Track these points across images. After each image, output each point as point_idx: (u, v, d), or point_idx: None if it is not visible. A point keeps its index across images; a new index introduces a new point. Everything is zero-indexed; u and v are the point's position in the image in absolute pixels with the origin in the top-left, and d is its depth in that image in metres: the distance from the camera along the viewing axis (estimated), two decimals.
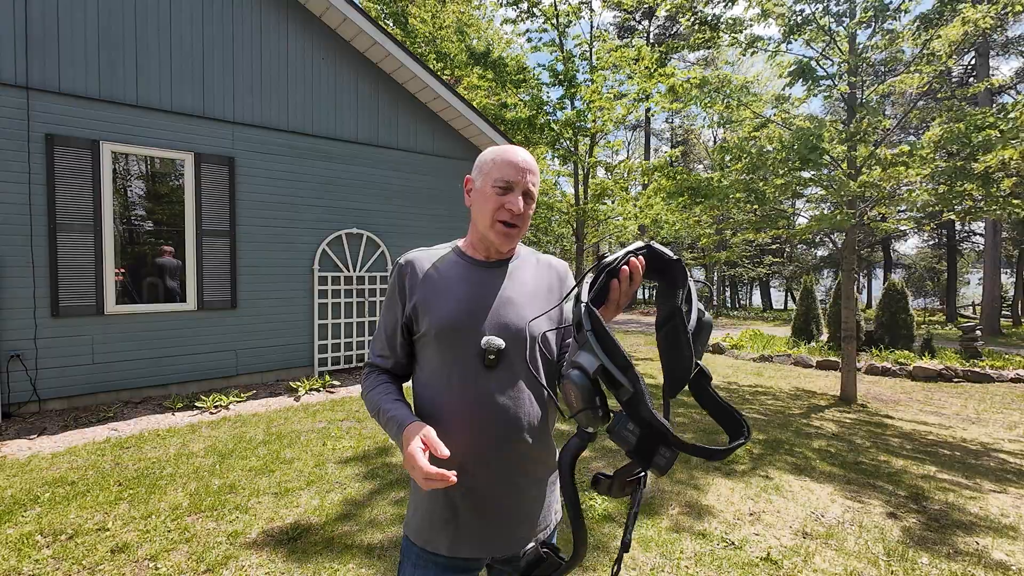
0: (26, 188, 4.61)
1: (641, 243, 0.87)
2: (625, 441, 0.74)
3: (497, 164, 1.07)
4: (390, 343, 1.14)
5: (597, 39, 11.14)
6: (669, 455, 0.72)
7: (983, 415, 5.77)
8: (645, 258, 0.86)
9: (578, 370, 0.75)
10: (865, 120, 5.42)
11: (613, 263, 0.85)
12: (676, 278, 0.84)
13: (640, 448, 0.73)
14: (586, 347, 0.75)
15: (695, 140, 31.85)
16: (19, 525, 2.70)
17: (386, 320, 1.14)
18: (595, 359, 0.74)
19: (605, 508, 3.03)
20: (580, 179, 11.12)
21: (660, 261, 0.86)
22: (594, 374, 0.74)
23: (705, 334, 0.83)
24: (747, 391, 6.73)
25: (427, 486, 0.90)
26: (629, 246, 0.87)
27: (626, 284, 0.87)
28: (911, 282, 29.78)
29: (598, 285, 0.85)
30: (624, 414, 0.74)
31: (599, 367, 0.73)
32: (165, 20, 5.27)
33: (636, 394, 0.72)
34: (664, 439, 0.72)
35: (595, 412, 0.75)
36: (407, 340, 1.13)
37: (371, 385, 1.14)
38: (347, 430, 4.41)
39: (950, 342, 11.29)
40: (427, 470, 0.89)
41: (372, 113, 6.77)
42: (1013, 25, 18.43)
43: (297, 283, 6.22)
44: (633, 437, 0.73)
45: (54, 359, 4.76)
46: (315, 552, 2.52)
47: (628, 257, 0.85)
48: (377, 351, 1.16)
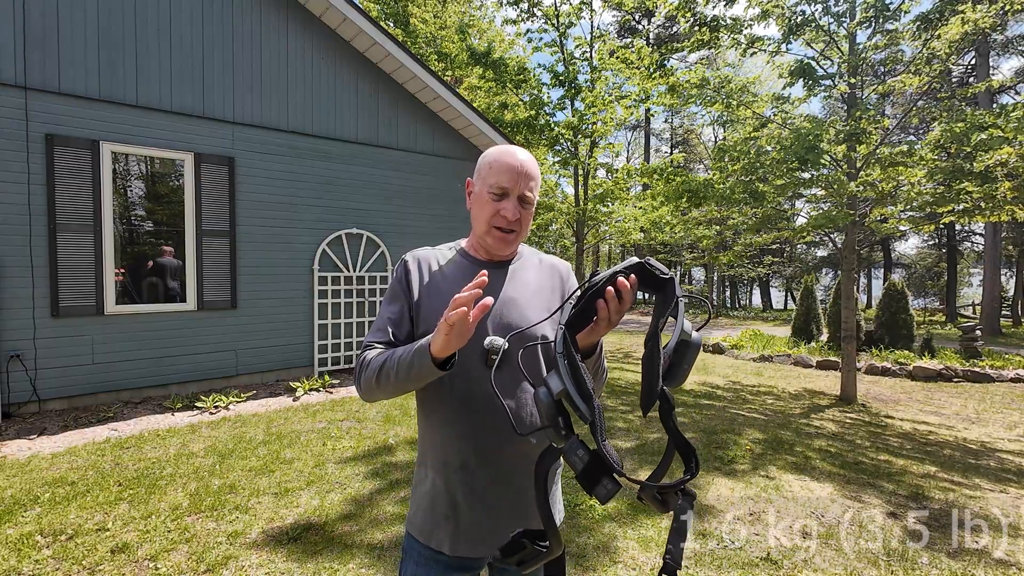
0: (26, 188, 4.61)
1: (635, 260, 0.87)
2: (574, 465, 0.77)
3: (493, 169, 1.06)
4: (394, 324, 1.08)
5: (597, 39, 11.14)
6: (611, 487, 0.75)
7: (983, 415, 5.77)
8: (639, 274, 0.86)
9: (545, 388, 0.79)
10: (864, 120, 5.42)
11: (596, 284, 0.86)
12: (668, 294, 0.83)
13: (586, 474, 0.76)
14: (557, 369, 0.79)
15: (695, 140, 31.84)
16: (19, 525, 2.70)
17: (389, 310, 1.10)
18: (561, 383, 0.77)
19: (605, 509, 3.03)
20: (580, 180, 11.12)
21: (655, 277, 0.85)
22: (558, 396, 0.78)
23: (691, 353, 0.82)
24: (747, 391, 6.73)
25: (468, 316, 0.84)
26: (620, 264, 0.87)
27: (614, 303, 0.86)
28: (911, 282, 29.77)
29: (581, 305, 0.86)
30: (577, 439, 0.78)
31: (562, 391, 0.77)
32: (165, 20, 5.27)
33: (591, 424, 0.75)
34: (608, 471, 0.75)
35: (557, 431, 0.78)
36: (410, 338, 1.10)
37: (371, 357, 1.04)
38: (347, 430, 4.41)
39: (950, 342, 11.29)
40: (460, 302, 0.83)
41: (372, 113, 6.77)
42: (1013, 25, 18.43)
43: (297, 283, 6.22)
44: (580, 463, 0.76)
45: (54, 359, 4.75)
46: (315, 552, 2.52)
47: (616, 277, 0.85)
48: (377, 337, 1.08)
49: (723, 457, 4.01)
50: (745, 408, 5.75)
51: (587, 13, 10.29)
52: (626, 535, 2.76)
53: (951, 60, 5.51)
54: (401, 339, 1.07)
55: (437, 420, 1.07)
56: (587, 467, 0.76)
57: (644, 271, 0.86)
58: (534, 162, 1.09)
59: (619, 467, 0.74)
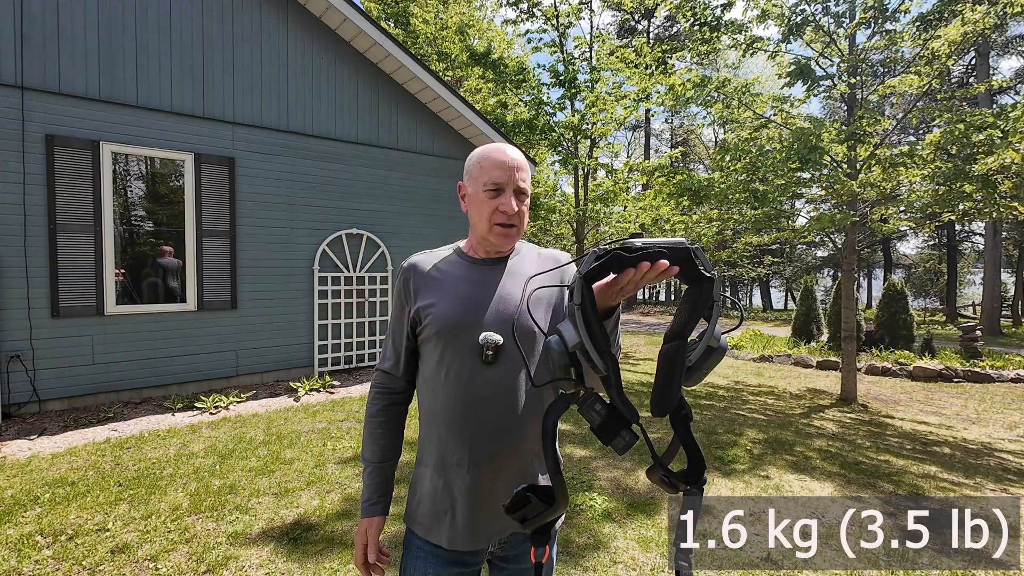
0: (27, 188, 4.61)
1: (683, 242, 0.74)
2: (591, 419, 0.78)
3: (484, 168, 1.08)
4: (396, 347, 1.17)
5: (597, 39, 11.14)
6: (629, 438, 0.77)
7: (983, 415, 5.77)
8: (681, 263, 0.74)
9: (558, 338, 0.78)
10: (864, 120, 5.42)
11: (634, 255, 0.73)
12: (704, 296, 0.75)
13: (603, 427, 0.77)
14: (572, 319, 0.76)
15: (695, 140, 31.84)
16: (19, 525, 2.70)
17: (393, 326, 1.17)
18: (576, 335, 0.75)
19: (605, 508, 3.03)
20: (580, 180, 11.12)
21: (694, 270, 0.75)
22: (572, 348, 0.76)
23: (716, 359, 0.79)
24: (748, 391, 6.73)
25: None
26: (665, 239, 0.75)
27: (640, 275, 0.76)
28: (911, 282, 29.77)
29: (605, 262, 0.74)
30: (593, 393, 0.78)
31: (578, 343, 0.76)
32: (165, 20, 5.28)
33: (608, 377, 0.75)
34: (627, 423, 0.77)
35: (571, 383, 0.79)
36: (412, 342, 1.15)
37: (371, 412, 1.20)
38: (347, 430, 4.41)
39: (950, 342, 11.29)
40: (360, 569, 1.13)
41: (372, 113, 6.78)
42: (1013, 25, 18.43)
43: (297, 283, 6.22)
44: (599, 417, 0.77)
45: (54, 359, 4.75)
46: (316, 552, 2.52)
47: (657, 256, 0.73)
48: (385, 357, 1.20)
49: (723, 457, 4.01)
50: (745, 408, 5.75)
51: (587, 13, 10.29)
52: (626, 535, 2.76)
53: (951, 61, 5.51)
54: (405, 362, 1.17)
55: (434, 417, 1.08)
56: (604, 420, 0.77)
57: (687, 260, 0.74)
58: (521, 154, 1.11)
59: (636, 419, 0.76)
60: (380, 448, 1.17)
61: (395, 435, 1.19)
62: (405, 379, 1.18)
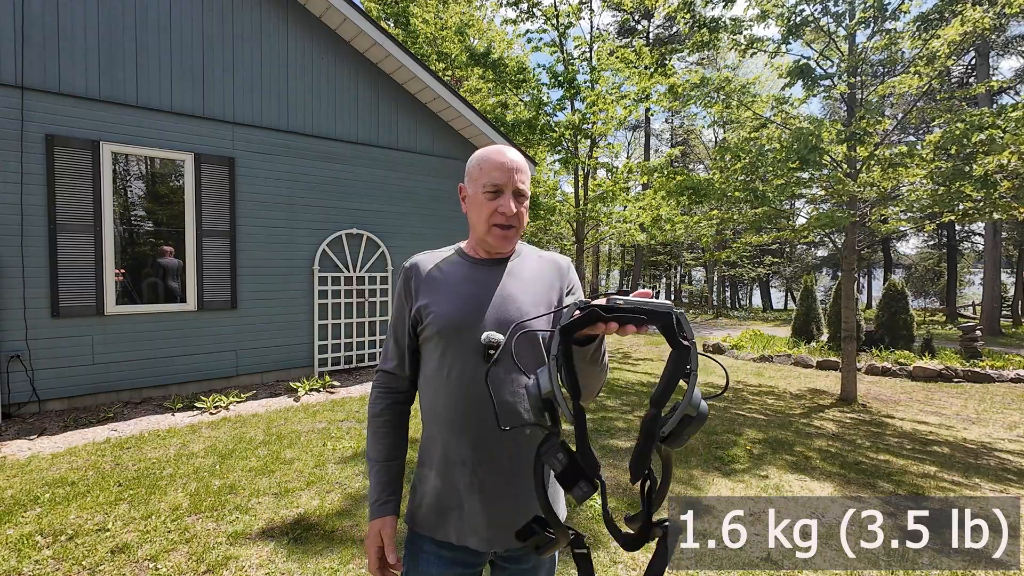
0: (27, 188, 4.61)
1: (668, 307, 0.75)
2: (552, 466, 0.80)
3: (484, 169, 1.09)
4: (398, 347, 1.17)
5: (597, 39, 11.15)
6: (587, 489, 0.78)
7: (983, 415, 5.77)
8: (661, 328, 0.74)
9: (535, 382, 0.81)
10: (864, 120, 5.42)
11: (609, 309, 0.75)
12: (680, 362, 0.74)
13: (563, 475, 0.79)
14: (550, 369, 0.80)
15: (695, 140, 31.84)
16: (19, 525, 2.70)
17: (395, 326, 1.17)
18: (549, 384, 0.79)
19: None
20: (580, 180, 11.12)
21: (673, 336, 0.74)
22: (545, 396, 0.79)
23: (696, 426, 0.77)
24: (747, 391, 6.73)
25: None
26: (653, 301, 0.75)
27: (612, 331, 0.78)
28: (911, 282, 29.77)
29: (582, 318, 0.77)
30: (557, 441, 0.80)
31: (549, 391, 0.79)
32: (165, 20, 5.28)
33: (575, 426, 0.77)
34: (584, 475, 0.78)
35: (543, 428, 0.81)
36: (414, 341, 1.15)
37: (374, 412, 1.18)
38: (347, 430, 4.41)
39: (950, 342, 11.29)
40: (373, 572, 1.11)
41: (372, 113, 6.78)
42: (1013, 25, 18.43)
43: (297, 283, 6.22)
44: (560, 465, 0.79)
45: (54, 359, 4.75)
46: (316, 552, 2.52)
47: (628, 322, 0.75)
48: (388, 357, 1.19)
49: (723, 457, 4.01)
50: (745, 408, 5.75)
51: (586, 13, 10.30)
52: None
53: (951, 61, 5.51)
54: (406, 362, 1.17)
55: (437, 416, 1.08)
56: (565, 469, 0.79)
57: (669, 325, 0.74)
58: (521, 156, 1.12)
59: (596, 471, 0.78)
60: (386, 446, 1.16)
61: (400, 433, 1.19)
62: (409, 379, 1.18)
